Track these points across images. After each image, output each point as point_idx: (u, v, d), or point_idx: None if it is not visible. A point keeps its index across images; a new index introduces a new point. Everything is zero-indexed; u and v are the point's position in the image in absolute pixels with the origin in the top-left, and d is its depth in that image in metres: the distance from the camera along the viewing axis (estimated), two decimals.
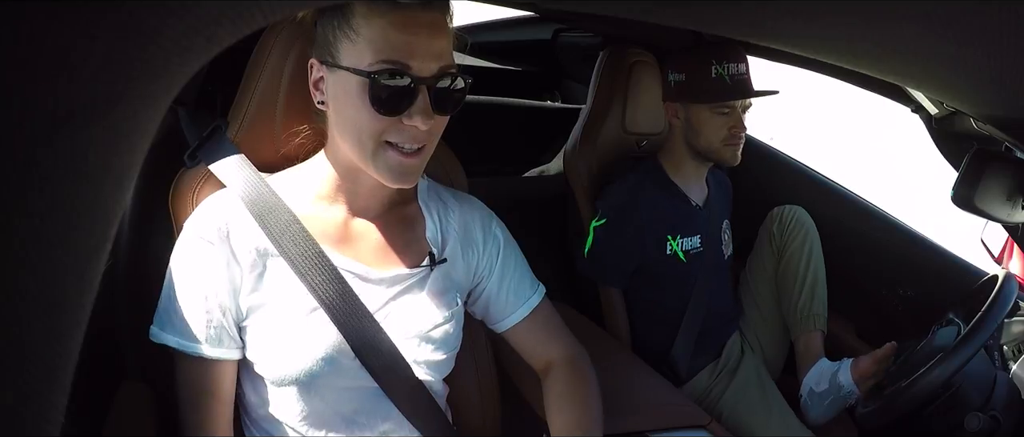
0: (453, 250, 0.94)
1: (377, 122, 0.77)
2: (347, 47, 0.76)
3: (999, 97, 0.50)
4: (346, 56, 0.77)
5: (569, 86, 2.51)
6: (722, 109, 1.42)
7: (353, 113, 0.77)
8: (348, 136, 0.80)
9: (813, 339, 1.53)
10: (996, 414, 1.06)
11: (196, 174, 0.89)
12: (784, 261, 1.60)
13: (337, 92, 0.79)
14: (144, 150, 0.22)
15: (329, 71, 0.79)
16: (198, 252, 0.81)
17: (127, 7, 0.18)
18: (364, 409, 0.88)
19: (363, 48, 0.75)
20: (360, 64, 0.75)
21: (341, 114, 0.80)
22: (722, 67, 1.40)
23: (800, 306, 1.55)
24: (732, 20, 0.37)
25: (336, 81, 0.78)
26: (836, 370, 1.42)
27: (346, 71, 0.76)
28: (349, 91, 0.77)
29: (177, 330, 0.81)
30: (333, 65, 0.78)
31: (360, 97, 0.76)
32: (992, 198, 0.91)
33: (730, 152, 1.45)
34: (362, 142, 0.78)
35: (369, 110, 0.76)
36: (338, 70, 0.77)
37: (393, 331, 0.86)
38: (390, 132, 0.78)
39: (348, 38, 0.76)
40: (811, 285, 1.56)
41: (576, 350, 1.02)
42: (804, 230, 1.61)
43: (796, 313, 1.56)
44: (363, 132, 0.78)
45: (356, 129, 0.78)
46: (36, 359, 0.19)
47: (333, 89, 0.79)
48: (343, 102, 0.78)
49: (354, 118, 0.78)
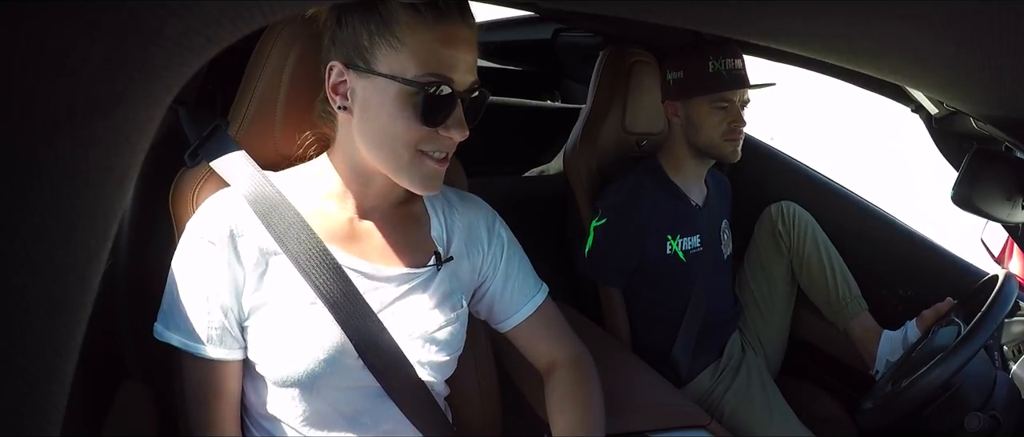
0: (458, 249, 0.94)
1: (415, 132, 0.77)
2: (388, 54, 0.76)
3: (999, 97, 0.50)
4: (385, 63, 0.76)
5: (569, 86, 2.51)
6: (721, 103, 1.43)
7: (389, 121, 0.77)
8: (378, 144, 0.80)
9: (865, 318, 1.54)
10: (996, 414, 1.06)
11: (196, 174, 0.89)
12: (804, 260, 1.60)
13: (368, 98, 0.78)
14: (144, 150, 0.22)
15: (359, 76, 0.78)
16: (200, 252, 0.81)
17: (127, 7, 0.18)
18: (365, 409, 0.88)
19: (407, 58, 0.75)
20: (404, 73, 0.75)
21: (371, 121, 0.79)
22: (719, 62, 1.42)
23: (840, 295, 1.56)
24: (732, 20, 0.37)
25: (370, 87, 0.77)
26: (904, 334, 1.44)
27: (385, 78, 0.76)
28: (386, 99, 0.76)
29: (181, 330, 0.81)
30: (367, 71, 0.77)
31: (399, 106, 0.76)
32: (992, 198, 0.91)
33: (730, 147, 1.45)
34: (396, 151, 0.79)
35: (408, 120, 0.76)
36: (374, 76, 0.76)
37: (397, 331, 0.86)
38: (425, 142, 0.78)
39: (390, 45, 0.75)
40: (840, 272, 1.58)
41: (579, 350, 1.02)
42: (809, 224, 1.62)
43: (838, 303, 1.56)
44: (398, 141, 0.78)
45: (391, 137, 0.78)
46: (37, 359, 0.19)
47: (364, 94, 0.78)
48: (376, 109, 0.78)
49: (390, 126, 0.77)
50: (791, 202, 1.66)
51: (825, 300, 1.58)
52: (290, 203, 0.83)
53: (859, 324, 1.54)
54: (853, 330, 1.55)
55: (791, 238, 1.63)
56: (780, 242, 1.64)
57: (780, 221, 1.64)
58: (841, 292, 1.56)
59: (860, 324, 1.54)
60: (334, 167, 0.86)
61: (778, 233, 1.64)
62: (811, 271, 1.60)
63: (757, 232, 1.70)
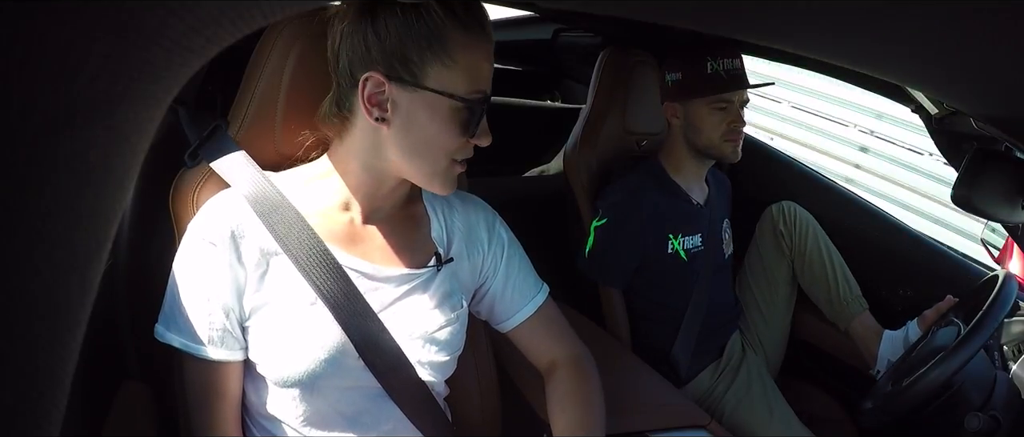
0: (458, 250, 0.94)
1: (456, 143, 0.81)
2: (440, 71, 0.78)
3: (999, 97, 0.50)
4: (437, 79, 0.78)
5: (569, 86, 2.51)
6: (719, 104, 1.43)
7: (434, 133, 0.80)
8: (416, 153, 0.82)
9: (866, 318, 1.55)
10: (996, 414, 1.06)
11: (196, 174, 0.89)
12: (806, 259, 1.61)
13: (414, 111, 0.79)
14: (144, 150, 0.22)
15: (403, 89, 0.78)
16: (201, 254, 0.81)
17: (127, 7, 0.18)
18: (366, 409, 0.88)
19: (459, 75, 0.78)
20: (457, 90, 0.78)
21: (415, 132, 0.80)
22: (717, 62, 1.42)
23: (841, 295, 1.56)
24: (732, 20, 0.37)
25: (416, 101, 0.79)
26: (905, 334, 1.44)
27: (435, 93, 0.78)
28: (436, 113, 0.79)
29: (182, 331, 0.81)
30: (416, 85, 0.78)
31: (449, 120, 0.79)
32: (992, 198, 0.91)
33: (730, 148, 1.45)
34: (436, 159, 0.82)
35: (454, 132, 0.80)
36: (423, 91, 0.78)
37: (397, 331, 0.86)
38: (461, 151, 0.83)
39: (443, 63, 0.77)
40: (841, 272, 1.58)
41: (580, 350, 1.02)
42: (810, 223, 1.62)
43: (839, 302, 1.56)
44: (441, 151, 0.81)
45: (433, 148, 0.81)
46: (37, 359, 0.19)
47: (408, 107, 0.79)
48: (423, 122, 0.80)
49: (434, 138, 0.80)
50: (792, 202, 1.66)
51: (826, 300, 1.58)
52: (291, 204, 0.83)
53: (860, 323, 1.54)
54: (854, 330, 1.55)
55: (792, 238, 1.63)
56: (781, 242, 1.64)
57: (781, 221, 1.64)
58: (842, 292, 1.56)
59: (861, 323, 1.54)
60: (340, 169, 0.86)
61: (779, 233, 1.64)
62: (813, 271, 1.60)
63: (758, 232, 1.70)
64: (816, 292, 1.61)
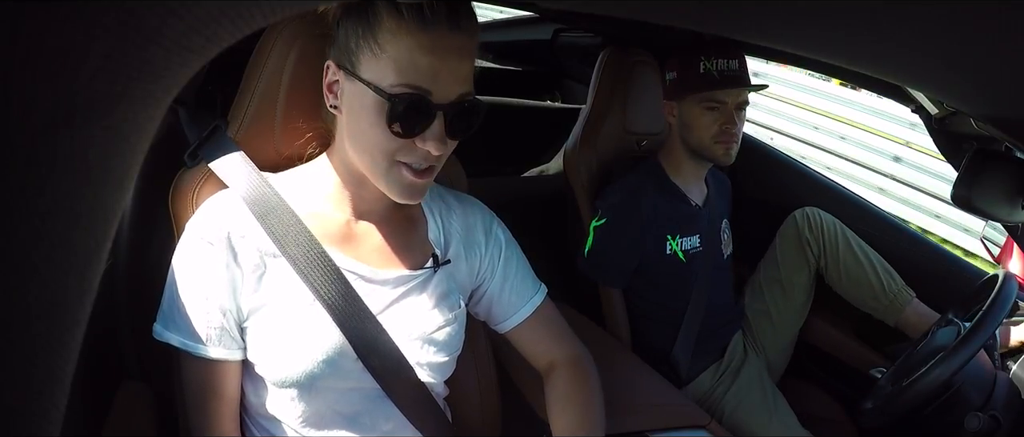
0: (456, 251, 0.94)
1: (391, 142, 0.75)
2: (369, 60, 0.74)
3: (999, 97, 0.50)
4: (367, 69, 0.75)
5: (569, 86, 2.51)
6: (710, 104, 1.42)
7: (367, 127, 0.76)
8: (359, 148, 0.79)
9: (918, 306, 1.51)
10: (996, 414, 1.06)
11: (196, 174, 0.89)
12: (841, 263, 1.56)
13: (353, 102, 0.77)
14: (144, 150, 0.22)
15: (347, 78, 0.77)
16: (199, 253, 0.81)
17: (127, 7, 0.18)
18: (365, 410, 0.88)
19: (386, 66, 0.73)
20: (381, 82, 0.73)
21: (354, 124, 0.78)
22: (711, 62, 1.41)
23: (886, 289, 1.52)
24: (732, 20, 0.37)
25: (353, 91, 0.77)
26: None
27: (364, 84, 0.75)
28: (365, 105, 0.75)
29: (181, 330, 0.81)
30: (352, 74, 0.76)
31: (377, 114, 0.74)
32: (992, 198, 0.91)
33: (721, 150, 1.44)
34: (374, 157, 0.78)
35: (384, 129, 0.74)
36: (356, 81, 0.75)
37: (396, 333, 0.86)
38: (402, 152, 0.77)
39: (371, 51, 0.73)
40: (880, 266, 1.54)
41: (579, 350, 1.02)
42: (837, 226, 1.59)
43: (887, 296, 1.51)
44: (375, 148, 0.77)
45: (369, 144, 0.77)
46: (36, 359, 0.19)
47: (349, 98, 0.78)
48: (358, 114, 0.77)
49: (367, 133, 0.76)
50: (813, 208, 1.62)
51: (871, 297, 1.53)
52: (288, 205, 0.83)
53: (913, 311, 1.50)
54: (908, 319, 1.50)
55: (820, 245, 1.59)
56: (807, 250, 1.60)
57: (807, 228, 1.60)
58: (887, 286, 1.52)
59: (914, 311, 1.50)
60: (332, 167, 0.86)
61: (805, 241, 1.60)
62: (849, 272, 1.55)
63: (779, 240, 1.66)
64: (859, 294, 1.55)
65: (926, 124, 1.29)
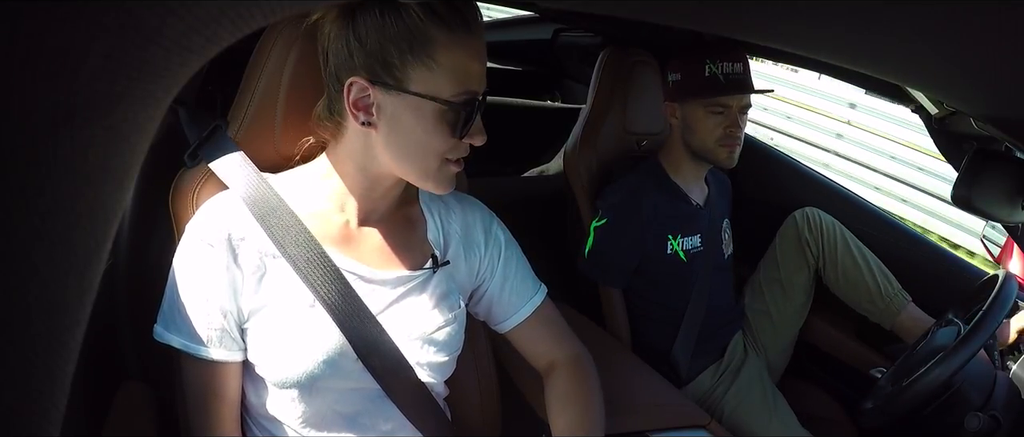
0: (455, 252, 0.94)
1: (448, 143, 0.80)
2: (423, 74, 0.76)
3: (999, 97, 0.50)
4: (420, 83, 0.76)
5: (569, 86, 2.51)
6: (716, 108, 1.42)
7: (422, 136, 0.78)
8: (408, 156, 0.81)
9: (913, 310, 1.50)
10: (996, 414, 1.06)
11: (196, 174, 0.89)
12: (839, 264, 1.56)
13: (400, 115, 0.78)
14: (144, 150, 0.22)
15: (387, 93, 0.77)
16: (199, 254, 0.81)
17: (127, 7, 0.18)
18: (365, 410, 0.88)
19: (443, 77, 0.76)
20: (441, 93, 0.76)
21: (403, 135, 0.79)
22: (716, 66, 1.40)
23: (883, 292, 1.51)
24: (732, 20, 0.37)
25: (400, 104, 0.78)
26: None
27: (420, 97, 0.76)
28: (422, 116, 0.77)
29: (181, 331, 0.81)
30: (400, 89, 0.77)
31: (436, 122, 0.78)
32: (992, 198, 0.91)
33: (725, 153, 1.44)
34: (427, 161, 0.81)
35: (444, 134, 0.78)
36: (407, 95, 0.77)
37: (396, 333, 0.86)
38: (453, 151, 0.81)
39: (425, 66, 0.76)
40: (877, 269, 1.54)
41: (579, 350, 1.02)
42: (836, 227, 1.59)
43: (883, 299, 1.51)
44: (431, 153, 0.80)
45: (422, 150, 0.80)
46: (36, 359, 0.19)
47: (394, 111, 0.78)
48: (410, 125, 0.78)
49: (422, 140, 0.79)
50: (813, 208, 1.62)
51: (868, 299, 1.53)
52: (288, 206, 0.83)
53: (908, 316, 1.49)
54: (903, 323, 1.49)
55: (820, 245, 1.59)
56: (807, 251, 1.60)
57: (807, 229, 1.60)
58: (883, 289, 1.51)
59: (910, 316, 1.49)
60: (336, 169, 0.86)
61: (805, 241, 1.60)
62: (847, 274, 1.55)
63: (779, 240, 1.66)
64: (855, 296, 1.55)
65: (926, 124, 1.29)
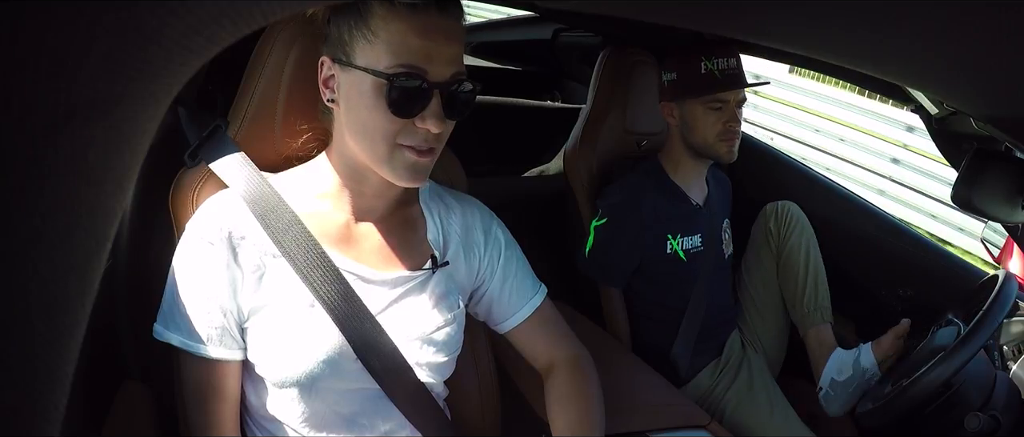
0: (455, 252, 0.94)
1: (391, 124, 0.77)
2: (364, 47, 0.76)
3: (999, 97, 0.50)
4: (362, 56, 0.77)
5: (569, 86, 2.51)
6: (714, 104, 1.43)
7: (366, 113, 0.78)
8: (360, 136, 0.80)
9: (824, 331, 1.52)
10: (996, 414, 1.06)
11: (196, 174, 0.89)
12: (784, 257, 1.59)
13: (350, 91, 0.79)
14: (144, 150, 0.22)
15: (342, 70, 0.79)
16: (199, 253, 0.81)
17: (127, 7, 0.18)
18: (365, 410, 0.88)
19: (381, 50, 0.75)
20: (377, 65, 0.75)
21: (353, 114, 0.79)
22: (711, 62, 1.42)
23: (805, 301, 1.54)
24: (732, 21, 0.37)
25: (349, 80, 0.78)
26: (857, 356, 1.41)
27: (362, 71, 0.76)
28: (363, 91, 0.77)
29: (181, 329, 0.81)
30: (347, 64, 0.78)
31: (375, 98, 0.76)
32: (992, 198, 0.91)
33: (725, 148, 1.45)
34: (375, 143, 0.79)
35: (384, 111, 0.76)
36: (353, 70, 0.77)
37: (395, 333, 0.86)
38: (403, 134, 0.78)
39: (365, 38, 0.76)
40: (813, 278, 1.55)
41: (578, 350, 1.02)
42: (799, 224, 1.60)
43: (802, 308, 1.54)
44: (377, 133, 0.78)
45: (370, 130, 0.78)
46: (37, 359, 0.19)
47: (346, 88, 0.79)
48: (356, 102, 0.78)
49: (368, 118, 0.78)
50: (789, 202, 1.65)
51: (792, 302, 1.57)
52: (288, 205, 0.83)
53: (816, 335, 1.52)
54: (809, 339, 1.53)
55: (780, 236, 1.61)
56: (771, 240, 1.63)
57: (773, 219, 1.63)
58: (808, 298, 1.54)
59: (817, 335, 1.52)
60: (331, 165, 0.86)
61: (769, 231, 1.63)
62: (787, 270, 1.58)
63: (754, 231, 1.69)
64: (787, 293, 1.59)
65: (926, 124, 1.29)
